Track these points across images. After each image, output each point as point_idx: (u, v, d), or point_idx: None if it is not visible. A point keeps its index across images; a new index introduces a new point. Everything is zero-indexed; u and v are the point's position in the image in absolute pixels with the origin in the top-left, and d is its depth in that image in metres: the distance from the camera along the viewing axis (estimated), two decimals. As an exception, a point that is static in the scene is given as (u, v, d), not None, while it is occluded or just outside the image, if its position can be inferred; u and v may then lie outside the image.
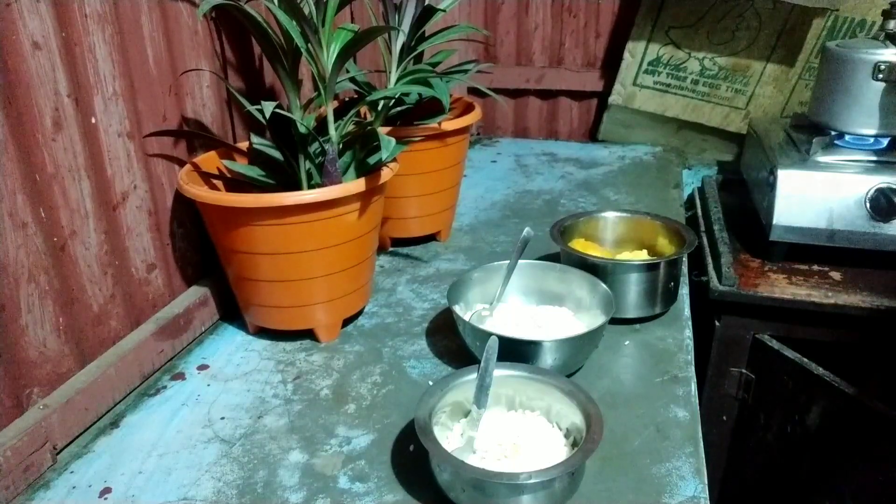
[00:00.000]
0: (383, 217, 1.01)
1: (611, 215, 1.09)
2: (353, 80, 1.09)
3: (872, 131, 1.22)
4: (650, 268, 0.94)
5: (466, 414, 0.75)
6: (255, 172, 0.98)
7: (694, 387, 0.85)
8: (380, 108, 1.00)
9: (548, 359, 0.81)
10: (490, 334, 0.77)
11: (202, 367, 0.92)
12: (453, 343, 0.94)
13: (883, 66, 1.17)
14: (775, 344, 1.15)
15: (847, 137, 1.25)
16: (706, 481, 0.71)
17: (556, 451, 0.70)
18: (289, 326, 0.96)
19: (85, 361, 0.82)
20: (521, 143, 1.91)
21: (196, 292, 0.99)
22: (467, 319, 0.86)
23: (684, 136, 1.81)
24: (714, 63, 1.71)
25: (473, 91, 1.72)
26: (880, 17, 1.23)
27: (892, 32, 1.20)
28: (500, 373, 0.75)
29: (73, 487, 0.72)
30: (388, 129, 1.06)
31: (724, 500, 1.27)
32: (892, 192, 1.13)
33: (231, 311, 1.02)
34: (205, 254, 1.01)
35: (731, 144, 1.78)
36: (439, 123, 1.11)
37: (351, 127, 0.97)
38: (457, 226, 1.33)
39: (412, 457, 0.74)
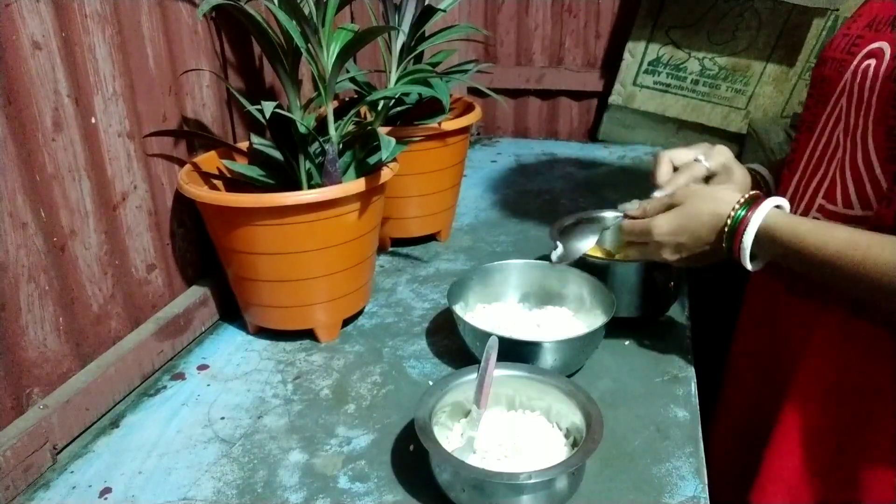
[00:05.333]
0: (383, 217, 1.01)
1: (611, 215, 1.09)
2: (353, 80, 1.09)
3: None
4: (650, 268, 0.94)
5: (466, 414, 0.75)
6: (255, 172, 0.98)
7: (694, 387, 0.85)
8: (380, 108, 1.00)
9: (548, 359, 0.81)
10: (490, 334, 0.77)
11: (202, 367, 0.92)
12: (453, 343, 0.94)
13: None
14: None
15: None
16: (706, 481, 0.71)
17: (556, 451, 0.70)
18: (289, 326, 0.96)
19: (85, 361, 0.82)
20: (521, 143, 1.91)
21: (196, 292, 0.99)
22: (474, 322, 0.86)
23: (684, 136, 1.81)
24: (714, 63, 1.71)
25: (473, 91, 1.72)
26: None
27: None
28: (500, 373, 0.75)
29: (73, 487, 0.72)
30: (388, 129, 1.06)
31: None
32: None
33: (231, 311, 1.02)
34: (205, 254, 1.01)
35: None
36: (439, 123, 1.11)
37: (351, 127, 0.97)
38: (457, 226, 1.33)
39: (412, 457, 0.74)
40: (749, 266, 0.76)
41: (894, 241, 0.66)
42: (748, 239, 0.74)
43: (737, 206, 0.75)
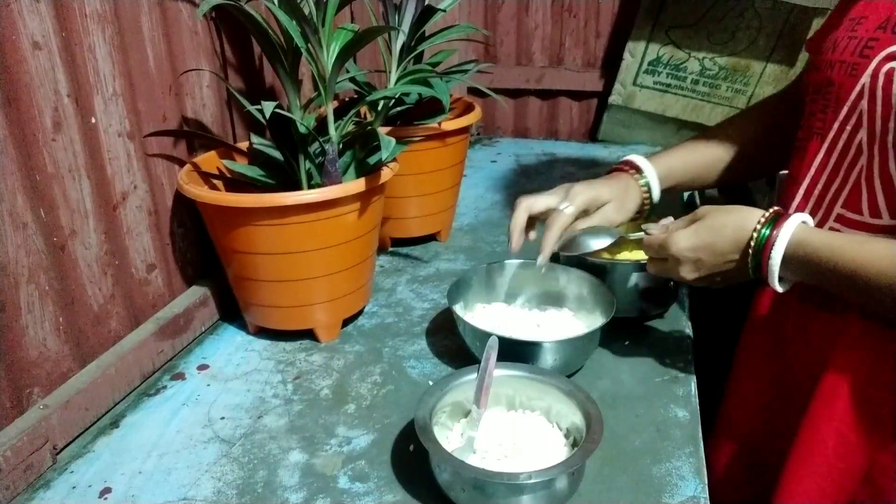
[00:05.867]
0: (383, 217, 1.01)
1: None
2: (353, 80, 1.09)
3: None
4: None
5: (466, 414, 0.75)
6: (255, 172, 0.98)
7: (694, 387, 0.85)
8: (380, 108, 1.00)
9: (548, 359, 0.81)
10: (490, 334, 0.77)
11: (202, 367, 0.92)
12: (453, 343, 0.94)
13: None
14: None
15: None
16: (706, 481, 0.71)
17: (556, 451, 0.70)
18: (289, 326, 0.96)
19: (85, 361, 0.82)
20: (521, 143, 1.91)
21: (196, 292, 0.99)
22: (469, 321, 0.86)
23: (684, 136, 1.79)
24: (714, 63, 1.71)
25: (473, 91, 1.72)
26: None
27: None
28: (500, 373, 0.75)
29: (73, 487, 0.72)
30: (388, 129, 1.06)
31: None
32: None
33: (231, 311, 1.02)
34: (205, 254, 1.01)
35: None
36: (439, 123, 1.11)
37: (351, 127, 0.97)
38: (457, 226, 1.33)
39: (412, 457, 0.74)
40: (778, 287, 0.73)
41: None
42: (777, 256, 0.70)
43: (758, 227, 0.72)
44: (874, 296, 0.67)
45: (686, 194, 1.58)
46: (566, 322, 0.92)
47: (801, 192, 0.79)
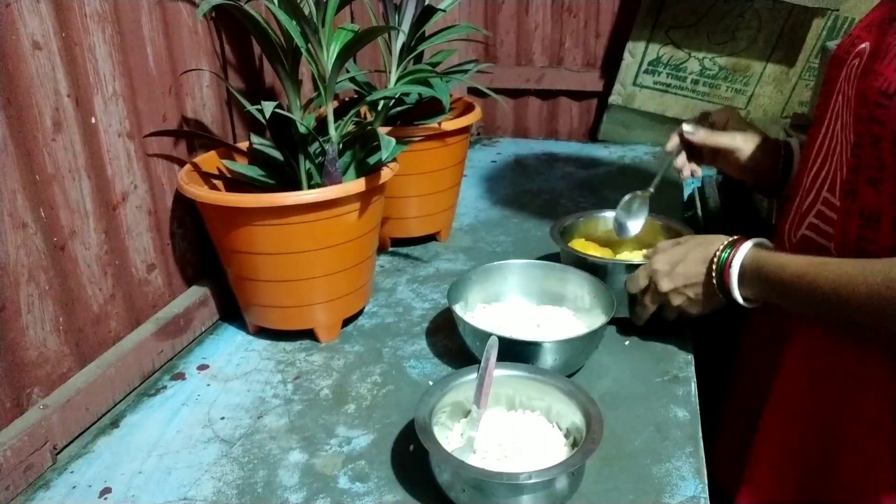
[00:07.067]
0: (383, 217, 1.01)
1: (611, 215, 1.09)
2: (353, 80, 1.09)
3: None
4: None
5: (466, 414, 0.75)
6: (255, 172, 0.98)
7: (694, 387, 0.85)
8: (380, 108, 1.00)
9: (548, 359, 0.81)
10: (490, 334, 0.77)
11: (202, 367, 0.92)
12: (453, 343, 0.94)
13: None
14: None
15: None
16: (706, 481, 0.71)
17: (556, 451, 0.70)
18: (289, 326, 0.96)
19: (85, 361, 0.82)
20: (521, 143, 1.91)
21: (196, 292, 0.99)
22: (467, 320, 0.86)
23: (684, 136, 1.80)
24: (714, 63, 1.71)
25: (473, 91, 1.72)
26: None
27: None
28: (500, 373, 0.75)
29: (73, 487, 0.72)
30: (388, 129, 1.06)
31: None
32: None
33: (231, 311, 1.02)
34: (205, 254, 1.01)
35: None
36: (439, 123, 1.11)
37: (351, 127, 0.97)
38: (457, 226, 1.33)
39: (412, 457, 0.74)
40: (743, 303, 0.81)
41: (864, 268, 0.68)
42: (733, 276, 0.80)
43: (720, 248, 0.81)
44: (818, 309, 0.74)
45: (686, 193, 1.58)
46: (566, 322, 0.92)
47: (805, 176, 0.83)
